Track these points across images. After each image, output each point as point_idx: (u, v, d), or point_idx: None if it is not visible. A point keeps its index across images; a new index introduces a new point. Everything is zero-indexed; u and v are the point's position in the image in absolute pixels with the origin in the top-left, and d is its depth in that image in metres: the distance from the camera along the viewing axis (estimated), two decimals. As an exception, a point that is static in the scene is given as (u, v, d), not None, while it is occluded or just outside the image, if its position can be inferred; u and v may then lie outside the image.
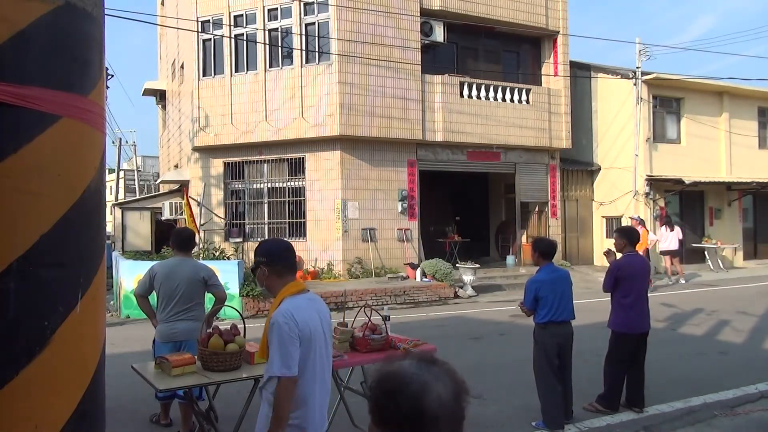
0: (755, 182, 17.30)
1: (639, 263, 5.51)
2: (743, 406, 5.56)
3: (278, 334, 2.68)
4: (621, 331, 5.41)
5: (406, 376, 1.25)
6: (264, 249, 2.91)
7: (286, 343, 2.67)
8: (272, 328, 2.71)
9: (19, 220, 1.59)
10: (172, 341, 4.74)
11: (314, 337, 2.77)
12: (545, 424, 4.98)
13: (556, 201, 16.65)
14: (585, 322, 5.57)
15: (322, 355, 2.84)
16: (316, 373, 2.81)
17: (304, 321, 2.72)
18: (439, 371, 1.28)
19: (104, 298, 1.95)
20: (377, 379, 1.29)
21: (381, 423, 1.26)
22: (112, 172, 31.46)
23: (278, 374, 2.67)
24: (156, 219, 18.46)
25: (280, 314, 2.71)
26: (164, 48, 21.34)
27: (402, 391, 1.23)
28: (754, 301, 11.62)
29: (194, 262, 5.09)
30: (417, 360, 1.30)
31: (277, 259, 2.85)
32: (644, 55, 16.54)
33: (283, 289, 2.82)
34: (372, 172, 14.03)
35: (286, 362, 2.66)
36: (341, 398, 4.82)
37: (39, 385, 1.61)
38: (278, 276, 2.84)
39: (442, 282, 12.93)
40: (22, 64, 1.61)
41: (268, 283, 2.88)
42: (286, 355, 2.66)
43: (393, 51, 13.80)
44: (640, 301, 5.38)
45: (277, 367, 2.67)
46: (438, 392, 1.23)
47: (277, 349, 2.67)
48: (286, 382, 2.67)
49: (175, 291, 4.74)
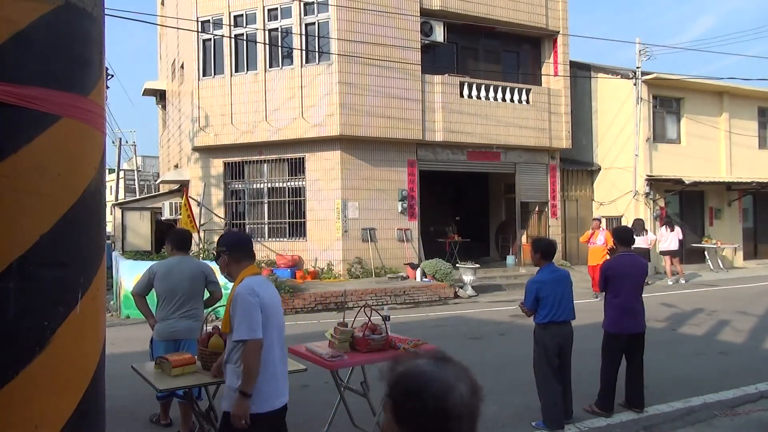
0: (755, 182, 17.30)
1: (631, 263, 5.47)
2: (743, 406, 5.56)
3: (242, 303, 3.03)
4: (610, 331, 5.41)
5: (428, 375, 1.26)
6: (224, 240, 3.35)
7: (250, 310, 3.02)
8: (236, 299, 3.07)
9: (19, 220, 1.59)
10: (172, 339, 4.75)
11: (273, 308, 3.16)
12: (545, 424, 4.98)
13: (556, 201, 16.65)
14: (585, 322, 5.57)
15: (279, 326, 3.23)
16: (275, 343, 3.17)
17: (264, 293, 3.12)
18: (457, 369, 1.29)
19: (104, 298, 1.95)
20: (398, 379, 1.28)
21: (403, 422, 1.25)
22: (112, 172, 31.46)
23: (246, 338, 3.00)
24: (156, 219, 18.46)
25: (242, 287, 3.08)
26: (164, 48, 21.34)
27: (426, 390, 1.24)
28: (754, 301, 11.61)
29: (194, 260, 5.15)
30: (433, 359, 1.31)
31: (236, 248, 3.27)
32: (644, 55, 16.55)
33: (242, 272, 3.20)
34: (372, 172, 14.03)
35: (252, 327, 3.01)
36: (341, 398, 4.82)
37: (39, 385, 1.61)
38: (237, 262, 3.24)
39: (442, 282, 12.93)
40: (22, 64, 1.61)
41: (229, 270, 3.26)
42: (251, 321, 3.01)
43: (393, 51, 13.79)
44: (631, 301, 5.34)
45: (244, 331, 3.00)
46: (460, 390, 1.25)
47: (243, 317, 3.02)
48: (253, 344, 3.01)
49: (176, 290, 4.77)
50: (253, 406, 3.04)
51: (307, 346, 4.62)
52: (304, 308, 11.51)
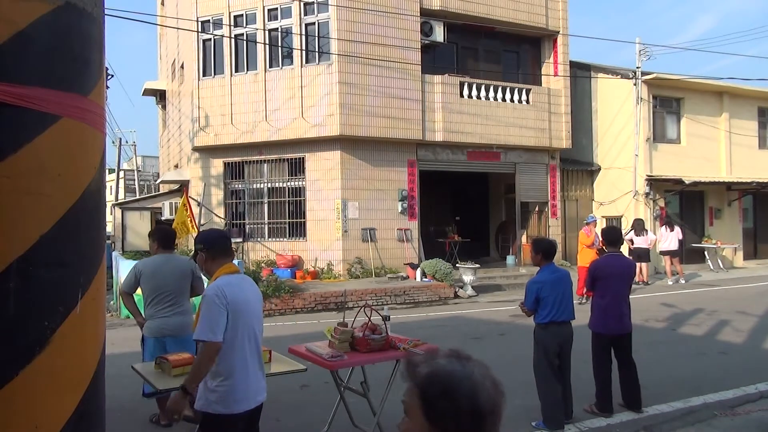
0: (755, 182, 17.29)
1: (619, 264, 5.48)
2: (743, 406, 5.56)
3: (207, 304, 3.02)
4: (596, 331, 5.43)
5: (458, 374, 1.28)
6: (202, 237, 3.38)
7: (214, 312, 3.00)
8: (203, 300, 3.06)
9: (19, 220, 1.59)
10: (163, 336, 4.82)
11: (243, 311, 3.11)
12: (545, 424, 4.98)
13: (556, 201, 16.65)
14: (585, 323, 5.57)
15: (252, 327, 3.18)
16: (245, 346, 3.12)
17: (233, 294, 3.07)
18: (479, 366, 1.32)
19: (104, 298, 1.95)
20: (429, 380, 1.29)
21: (437, 422, 1.27)
22: (112, 172, 31.46)
23: (203, 338, 2.99)
24: (156, 219, 18.46)
25: (210, 288, 3.08)
26: (164, 48, 21.34)
27: (459, 389, 1.26)
28: (754, 301, 11.61)
29: (181, 257, 5.26)
30: (454, 357, 1.33)
31: (213, 245, 3.28)
32: (644, 55, 16.54)
33: (218, 270, 3.20)
34: (372, 172, 14.03)
35: (212, 328, 2.98)
36: (341, 398, 4.82)
37: (39, 385, 1.61)
38: (213, 259, 3.24)
39: (442, 282, 12.93)
40: (22, 64, 1.61)
41: (206, 267, 3.27)
42: (211, 322, 2.99)
43: (393, 51, 13.80)
44: (617, 302, 5.35)
45: (202, 331, 2.99)
46: (487, 387, 1.28)
47: (204, 317, 3.00)
48: (209, 345, 2.98)
49: (165, 287, 4.84)
50: (228, 407, 3.05)
51: (307, 346, 4.62)
52: (304, 308, 11.51)
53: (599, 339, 5.40)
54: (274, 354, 4.51)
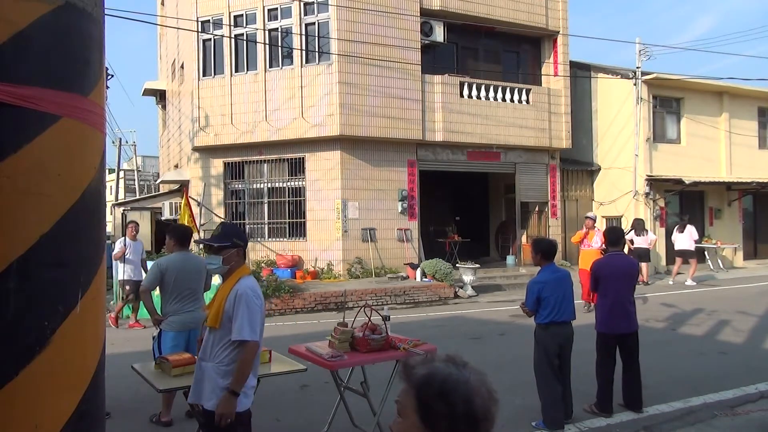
0: (755, 182, 17.29)
1: (621, 263, 5.48)
2: (743, 406, 5.56)
3: (248, 304, 3.04)
4: (600, 331, 5.43)
5: (454, 377, 1.29)
6: (236, 232, 3.29)
7: (254, 312, 3.05)
8: (241, 299, 3.05)
9: (19, 220, 1.59)
10: (188, 329, 5.01)
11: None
12: (545, 424, 4.98)
13: (556, 201, 16.65)
14: (585, 323, 5.58)
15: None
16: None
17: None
18: (475, 373, 1.33)
19: (104, 298, 1.95)
20: (426, 381, 1.30)
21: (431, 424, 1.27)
22: (112, 172, 31.45)
23: (248, 339, 3.02)
24: (156, 219, 18.46)
25: (249, 288, 3.09)
26: (164, 48, 21.34)
27: (455, 392, 1.27)
28: (754, 301, 11.61)
29: (197, 256, 5.57)
30: (451, 362, 1.34)
31: (245, 243, 3.30)
32: (644, 55, 16.54)
33: (239, 268, 3.19)
34: (372, 172, 14.03)
35: (255, 329, 3.04)
36: (341, 398, 4.82)
37: (39, 385, 1.61)
38: (241, 258, 3.25)
39: (442, 282, 12.93)
40: (22, 64, 1.61)
41: (235, 263, 3.20)
42: (253, 322, 3.03)
43: (393, 51, 13.79)
44: (620, 301, 5.35)
45: (248, 332, 3.02)
46: (482, 394, 1.29)
47: (246, 318, 3.02)
48: (254, 346, 3.04)
49: (190, 283, 5.07)
50: (242, 404, 3.08)
51: (307, 346, 4.62)
52: (304, 308, 11.51)
53: (604, 339, 5.39)
54: (274, 354, 4.52)
